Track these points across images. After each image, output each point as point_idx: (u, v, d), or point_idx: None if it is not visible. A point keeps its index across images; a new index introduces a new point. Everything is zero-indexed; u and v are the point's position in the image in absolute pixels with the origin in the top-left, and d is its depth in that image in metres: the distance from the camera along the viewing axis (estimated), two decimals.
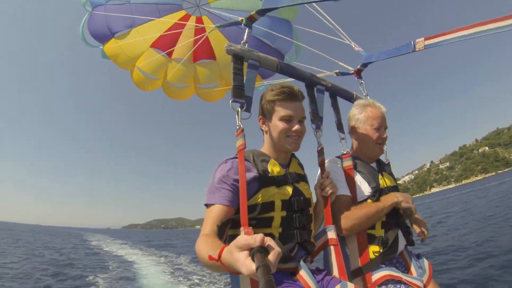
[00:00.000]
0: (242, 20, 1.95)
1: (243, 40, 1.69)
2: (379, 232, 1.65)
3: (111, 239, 32.59)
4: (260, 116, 1.56)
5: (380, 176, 1.79)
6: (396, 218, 1.71)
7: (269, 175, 1.37)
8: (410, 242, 1.77)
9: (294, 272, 1.32)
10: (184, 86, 4.28)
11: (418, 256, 1.84)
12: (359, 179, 1.75)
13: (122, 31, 3.43)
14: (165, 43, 3.65)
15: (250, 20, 1.90)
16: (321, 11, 2.64)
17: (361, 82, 2.35)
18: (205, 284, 7.08)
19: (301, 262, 1.33)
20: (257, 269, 0.66)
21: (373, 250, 1.62)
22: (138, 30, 3.43)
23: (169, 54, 3.83)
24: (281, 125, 1.44)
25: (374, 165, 1.88)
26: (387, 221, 1.67)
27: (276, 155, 1.50)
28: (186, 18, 3.63)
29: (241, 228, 1.13)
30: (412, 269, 1.69)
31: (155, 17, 3.40)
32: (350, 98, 2.15)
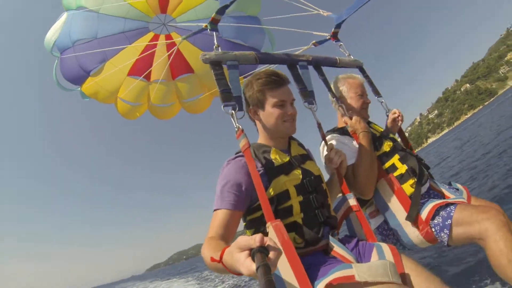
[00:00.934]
0: (206, 26, 1.96)
1: (214, 45, 1.70)
2: (402, 168, 1.75)
3: (140, 282, 33.25)
4: (250, 107, 1.54)
5: (372, 129, 1.94)
6: (403, 150, 1.85)
7: (275, 164, 1.36)
8: (425, 167, 1.89)
9: (326, 249, 1.32)
10: (169, 105, 4.31)
11: (450, 184, 1.93)
12: None
13: (96, 68, 3.43)
14: (141, 68, 3.67)
15: (214, 23, 1.91)
16: None
17: (340, 44, 2.38)
18: None
19: (330, 238, 1.32)
20: (257, 269, 0.66)
21: (409, 184, 1.70)
22: (112, 62, 3.43)
23: (148, 78, 3.85)
24: (276, 111, 1.44)
25: None
26: (400, 156, 1.80)
27: (275, 143, 1.50)
28: (155, 38, 3.66)
29: (268, 224, 1.12)
30: (449, 195, 1.77)
31: (125, 45, 3.42)
32: (334, 63, 2.15)
